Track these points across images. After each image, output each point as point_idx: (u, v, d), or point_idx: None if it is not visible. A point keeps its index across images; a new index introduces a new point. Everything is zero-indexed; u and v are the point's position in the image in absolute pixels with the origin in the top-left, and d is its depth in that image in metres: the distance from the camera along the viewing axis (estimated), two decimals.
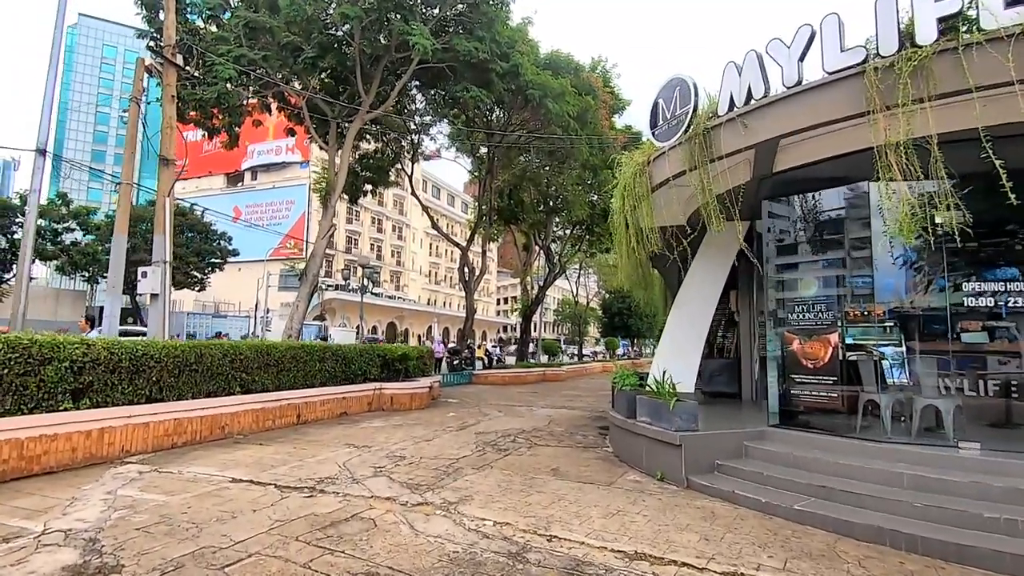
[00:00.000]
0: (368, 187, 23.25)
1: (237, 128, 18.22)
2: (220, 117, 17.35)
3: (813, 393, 6.45)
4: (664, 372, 7.57)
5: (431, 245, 77.53)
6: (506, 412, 12.01)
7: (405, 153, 23.75)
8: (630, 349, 56.02)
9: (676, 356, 8.75)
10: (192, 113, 16.27)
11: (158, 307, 10.60)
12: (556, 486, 5.74)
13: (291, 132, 19.46)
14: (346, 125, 16.25)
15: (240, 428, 8.37)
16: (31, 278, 10.20)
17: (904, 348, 6.08)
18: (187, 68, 12.57)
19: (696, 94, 6.61)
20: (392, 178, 24.93)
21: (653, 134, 7.32)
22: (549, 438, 8.77)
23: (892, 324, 6.21)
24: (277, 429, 8.98)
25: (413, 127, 23.45)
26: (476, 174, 27.06)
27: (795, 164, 6.31)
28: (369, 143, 22.84)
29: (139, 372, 7.05)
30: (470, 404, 13.56)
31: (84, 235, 32.22)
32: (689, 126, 6.50)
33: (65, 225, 31.13)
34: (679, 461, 5.95)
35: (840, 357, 6.28)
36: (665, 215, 7.82)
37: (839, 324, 6.46)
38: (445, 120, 25.38)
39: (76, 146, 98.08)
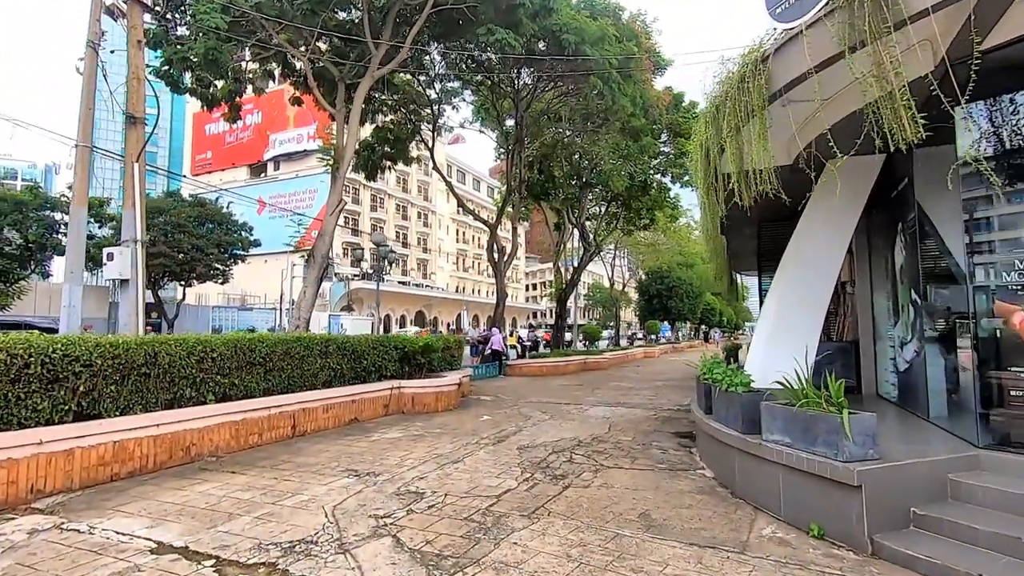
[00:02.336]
0: (387, 163, 21.24)
1: (238, 97, 16.32)
2: (218, 84, 15.47)
3: None
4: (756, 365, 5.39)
5: (458, 231, 75.73)
6: (551, 413, 9.87)
7: (426, 124, 21.63)
8: (670, 334, 53.22)
9: (783, 339, 6.50)
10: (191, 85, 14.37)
11: (129, 296, 8.74)
12: (659, 554, 3.57)
13: (297, 101, 17.55)
14: (358, 90, 14.17)
15: (213, 447, 6.42)
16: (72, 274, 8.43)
17: None
18: (157, 7, 10.60)
19: None
20: (413, 154, 22.89)
21: (773, 13, 4.96)
22: (617, 454, 6.58)
23: None
24: (264, 445, 7.02)
25: (433, 95, 21.31)
26: (503, 150, 24.80)
27: None
28: (386, 115, 20.84)
29: (59, 380, 5.11)
30: (506, 403, 11.46)
31: (99, 227, 31.19)
32: None
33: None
34: (855, 510, 3.70)
35: None
36: (771, 149, 5.47)
37: None
38: (468, 89, 23.26)
39: (104, 135, 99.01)
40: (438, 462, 6.09)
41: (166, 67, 13.82)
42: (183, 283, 35.50)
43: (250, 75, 15.92)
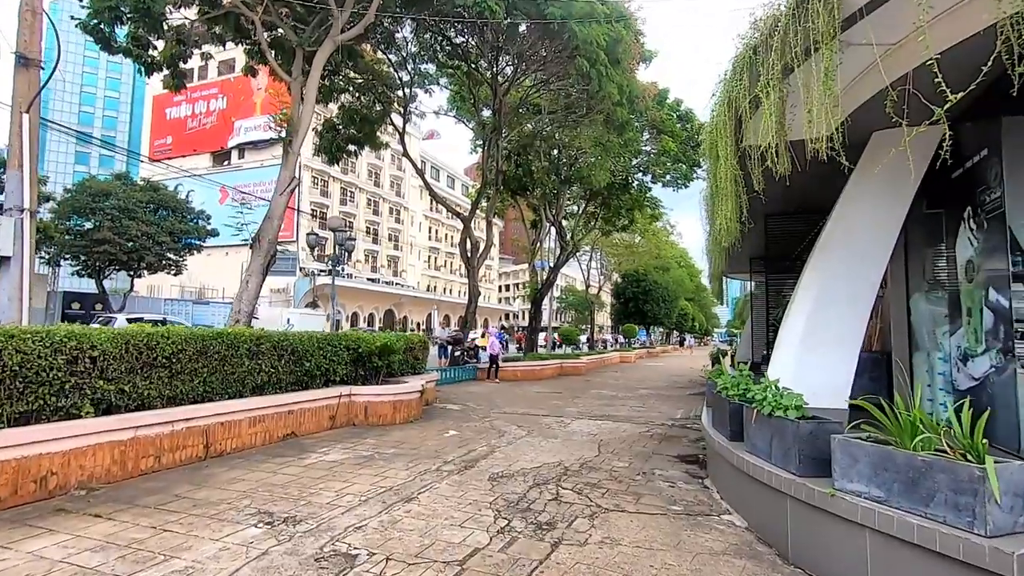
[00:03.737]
0: (353, 147, 19.59)
1: (182, 63, 14.50)
2: (158, 46, 13.67)
3: None
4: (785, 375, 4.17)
5: (431, 229, 73.92)
6: (529, 428, 8.48)
7: (396, 108, 20.06)
8: (647, 338, 52.48)
9: (819, 344, 5.33)
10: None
11: (11, 276, 7.04)
12: None
13: (252, 71, 15.84)
14: (317, 56, 12.54)
15: (85, 476, 4.83)
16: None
17: None
18: None
19: None
20: (383, 140, 21.28)
21: None
22: (616, 488, 5.22)
23: None
24: (163, 472, 5.44)
25: (405, 77, 19.78)
26: (479, 142, 23.38)
27: None
28: (354, 96, 19.22)
29: None
30: (477, 413, 10.03)
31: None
32: None
33: None
34: None
35: None
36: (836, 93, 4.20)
37: None
38: (443, 75, 21.82)
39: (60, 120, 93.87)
40: (385, 500, 4.63)
41: (94, 20, 12.01)
42: (131, 273, 33.01)
43: (196, 38, 14.12)
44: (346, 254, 17.04)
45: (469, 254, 19.83)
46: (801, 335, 5.67)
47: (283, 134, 13.38)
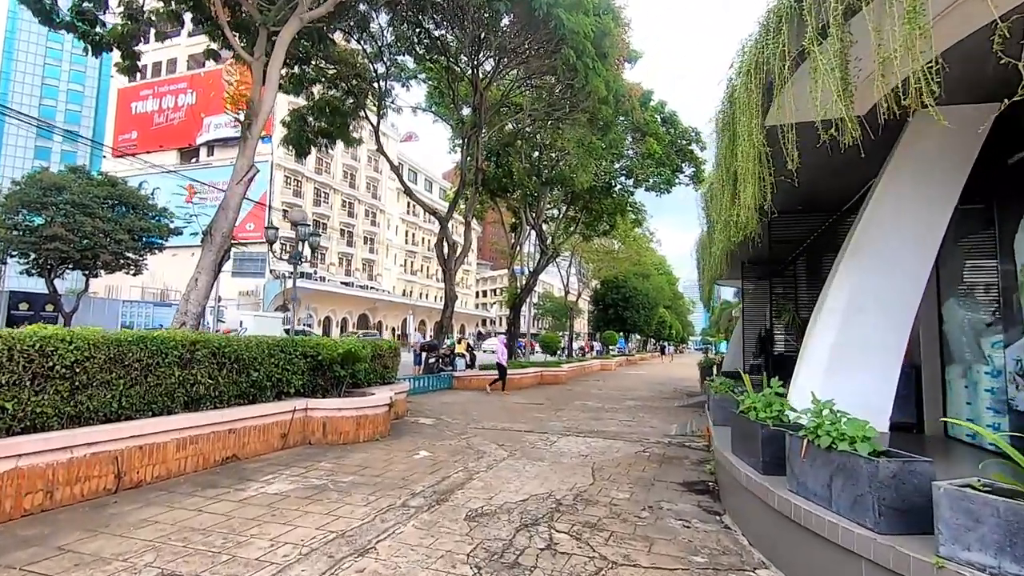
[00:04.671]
0: (323, 140, 18.49)
1: (135, 43, 13.27)
2: (107, 23, 12.46)
3: None
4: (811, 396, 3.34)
5: (407, 232, 72.58)
6: (511, 447, 7.51)
7: (371, 100, 19.01)
8: (626, 346, 51.94)
9: (848, 365, 4.55)
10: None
11: None
12: None
13: (214, 56, 14.68)
14: (282, 34, 11.45)
15: None
16: None
17: None
18: None
19: None
20: (356, 135, 20.20)
21: None
22: (620, 530, 4.29)
23: None
24: (54, 511, 4.34)
25: (381, 69, 18.75)
26: (458, 142, 22.41)
27: None
28: (325, 87, 18.17)
29: None
30: (452, 428, 9.03)
31: None
32: None
33: None
34: None
35: None
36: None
37: None
38: (422, 72, 20.88)
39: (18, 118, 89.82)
40: (333, 553, 3.62)
41: None
42: (87, 272, 31.08)
43: (149, 14, 12.90)
44: (309, 251, 15.84)
45: (446, 256, 18.81)
46: (830, 350, 4.87)
47: (231, 107, 12.17)
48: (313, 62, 16.74)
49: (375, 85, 18.60)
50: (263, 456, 6.41)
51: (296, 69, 16.66)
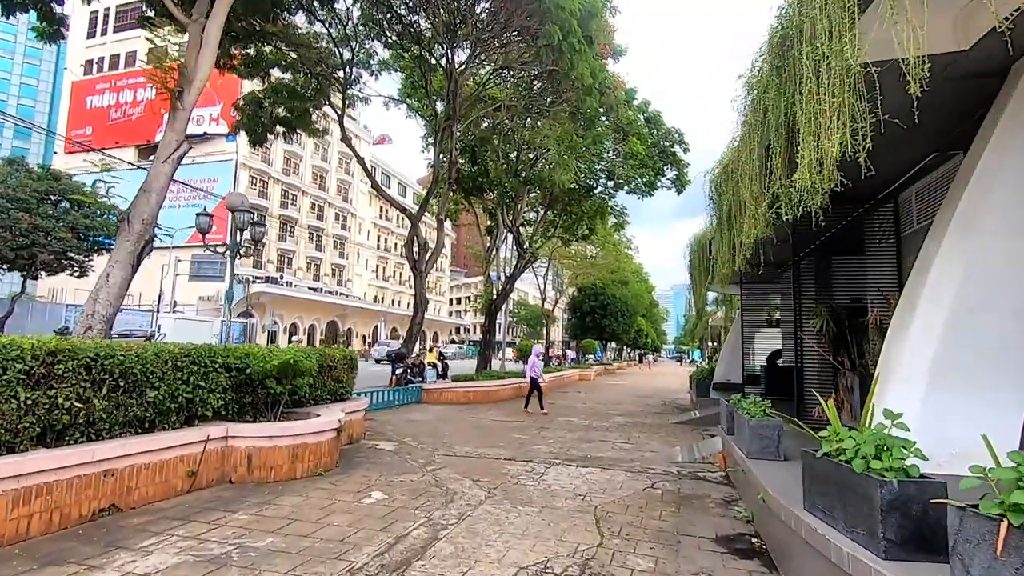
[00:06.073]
0: (281, 129, 16.81)
1: (56, 4, 11.47)
2: None
3: None
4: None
5: (379, 237, 70.49)
6: (490, 484, 6.02)
7: (336, 86, 17.41)
8: (602, 355, 50.86)
9: (960, 381, 3.22)
10: None
11: None
12: None
13: (148, 24, 12.92)
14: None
15: None
16: None
17: None
18: None
19: None
20: (320, 125, 18.55)
21: None
22: None
23: None
24: None
25: (347, 55, 17.17)
26: (431, 140, 20.88)
27: None
28: (286, 71, 16.55)
29: None
30: (417, 455, 7.48)
31: None
32: None
33: None
34: None
35: None
36: None
37: None
38: (393, 55, 19.36)
39: None
40: None
41: None
42: (24, 273, 28.47)
43: None
44: (253, 244, 14.10)
45: (416, 256, 17.25)
46: (932, 363, 3.54)
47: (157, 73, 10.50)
48: (272, 43, 15.17)
49: (341, 73, 17.03)
50: (157, 505, 4.79)
51: (252, 51, 15.04)
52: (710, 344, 41.34)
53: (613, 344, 58.19)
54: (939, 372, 3.54)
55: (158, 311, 37.08)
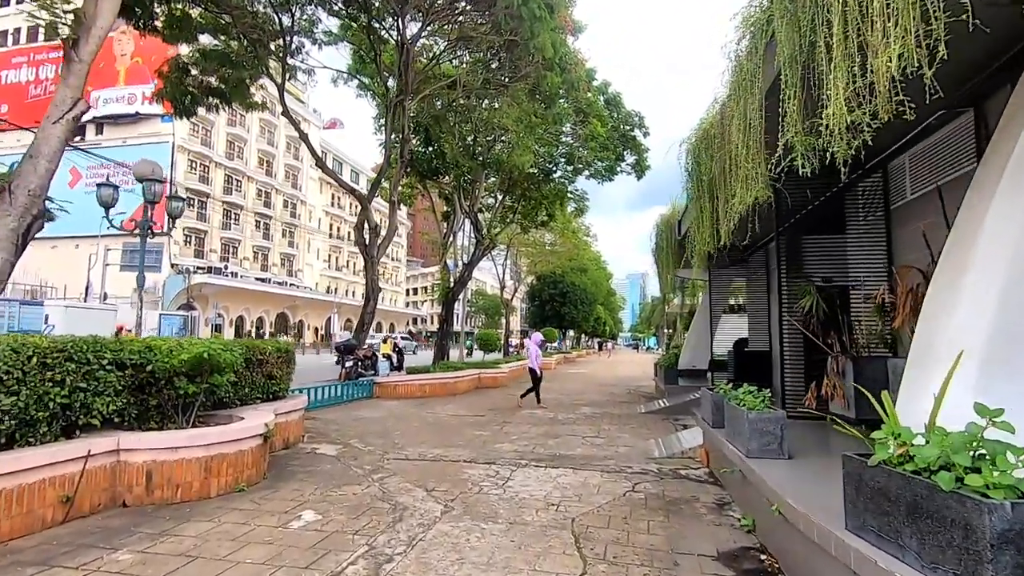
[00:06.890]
0: (214, 101, 15.25)
1: None
2: None
3: None
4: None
5: (331, 225, 67.92)
6: (448, 495, 5.14)
7: (275, 53, 15.94)
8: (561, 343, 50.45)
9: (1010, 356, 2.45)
10: None
11: None
12: None
13: None
14: None
15: None
16: None
17: None
18: None
19: None
20: (257, 99, 16.99)
21: None
22: None
23: None
24: None
25: (287, 21, 15.71)
26: (383, 121, 19.58)
27: None
28: (218, 38, 15.03)
29: None
30: (363, 461, 6.52)
31: None
32: None
33: None
34: None
35: None
36: None
37: None
38: (342, 27, 17.96)
39: None
40: None
41: None
42: None
43: None
44: (170, 220, 12.64)
45: (367, 241, 16.07)
46: (986, 339, 2.88)
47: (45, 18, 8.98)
48: (203, 5, 13.68)
49: (281, 40, 15.57)
50: (14, 544, 3.69)
51: (178, 10, 13.50)
52: (666, 332, 41.53)
53: (571, 332, 58.09)
54: (996, 351, 2.90)
55: (42, 297, 33.99)
